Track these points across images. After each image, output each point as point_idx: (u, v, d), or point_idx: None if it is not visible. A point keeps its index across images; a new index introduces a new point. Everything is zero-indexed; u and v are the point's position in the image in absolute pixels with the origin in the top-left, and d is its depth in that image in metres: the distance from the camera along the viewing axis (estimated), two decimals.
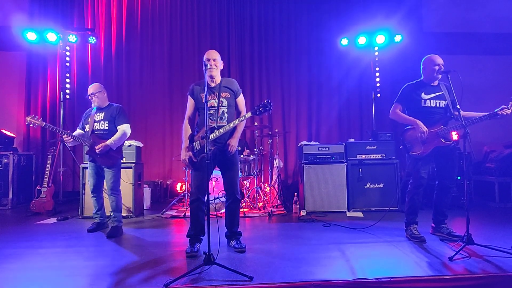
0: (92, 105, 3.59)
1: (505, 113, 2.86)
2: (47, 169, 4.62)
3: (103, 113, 3.55)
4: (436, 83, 3.15)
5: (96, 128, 3.50)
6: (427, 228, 3.31)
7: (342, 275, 2.21)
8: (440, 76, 3.08)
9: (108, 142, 3.38)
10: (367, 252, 2.76)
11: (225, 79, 2.93)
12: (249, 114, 2.73)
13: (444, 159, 3.11)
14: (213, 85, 2.84)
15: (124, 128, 3.51)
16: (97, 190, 3.58)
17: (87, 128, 3.54)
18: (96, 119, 3.53)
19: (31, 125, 3.32)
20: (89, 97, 3.55)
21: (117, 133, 3.47)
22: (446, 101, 3.09)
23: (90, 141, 3.44)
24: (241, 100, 2.94)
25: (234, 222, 2.92)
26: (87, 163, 4.22)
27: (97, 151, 3.36)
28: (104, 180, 3.55)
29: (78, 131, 3.63)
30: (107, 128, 3.50)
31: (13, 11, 5.94)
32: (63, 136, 3.41)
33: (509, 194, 4.86)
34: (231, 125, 2.75)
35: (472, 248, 2.67)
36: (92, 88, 3.55)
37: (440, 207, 3.19)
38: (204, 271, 2.27)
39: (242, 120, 2.78)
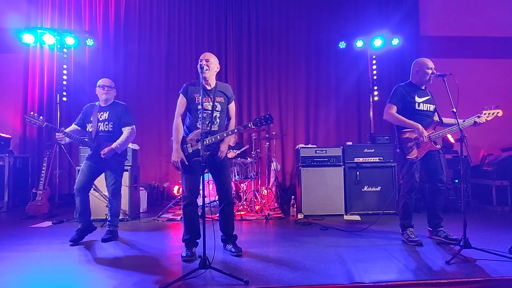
0: (99, 97, 3.34)
1: (481, 122, 3.00)
2: (42, 171, 4.58)
3: (107, 112, 3.30)
4: (423, 87, 3.17)
5: (100, 129, 3.27)
6: (424, 231, 3.30)
7: (338, 279, 2.20)
8: (431, 80, 3.11)
9: (113, 146, 3.19)
10: (364, 256, 2.74)
11: (220, 83, 2.91)
12: (251, 124, 2.73)
13: (433, 162, 3.12)
14: (208, 88, 2.82)
15: (130, 130, 3.31)
16: (83, 190, 3.20)
17: (89, 127, 3.28)
18: (100, 119, 3.29)
19: (31, 124, 3.11)
20: (99, 88, 3.30)
21: (122, 135, 3.27)
22: (434, 106, 3.13)
23: (95, 144, 3.22)
24: (232, 106, 2.95)
25: (229, 226, 2.89)
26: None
27: (102, 155, 3.16)
28: (105, 184, 3.35)
29: (73, 127, 3.34)
30: (111, 129, 3.28)
31: (10, 13, 5.93)
32: (56, 134, 3.11)
33: (506, 197, 4.87)
34: (230, 132, 2.75)
35: (469, 252, 2.65)
36: (106, 81, 3.34)
37: (434, 210, 3.18)
38: (200, 275, 2.25)
39: (242, 130, 2.77)
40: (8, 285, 2.19)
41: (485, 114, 3.01)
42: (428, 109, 3.12)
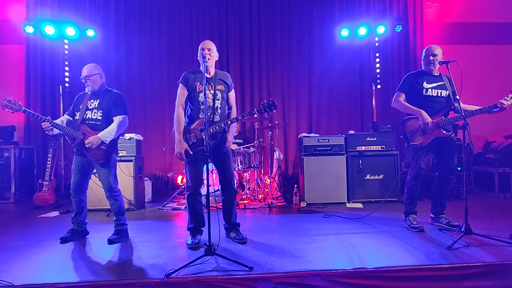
0: (86, 89, 3.06)
1: (505, 106, 2.90)
2: (48, 162, 4.63)
3: (98, 100, 3.01)
4: (437, 73, 3.15)
5: (87, 117, 2.97)
6: (426, 218, 3.33)
7: (341, 265, 2.24)
8: (436, 66, 3.09)
9: (100, 135, 2.88)
10: (366, 242, 2.78)
11: (219, 71, 2.90)
12: (254, 111, 2.75)
13: (444, 150, 3.12)
14: (208, 76, 2.80)
15: (121, 119, 2.98)
16: (78, 190, 3.01)
17: (78, 116, 3.00)
18: (89, 107, 2.99)
19: (9, 109, 2.84)
20: (83, 80, 3.02)
21: (112, 124, 2.96)
22: (448, 92, 3.09)
23: (79, 132, 2.93)
24: (232, 94, 2.95)
25: (232, 214, 2.94)
26: None
27: (86, 145, 2.86)
28: (99, 181, 3.04)
29: (65, 117, 3.09)
30: (100, 118, 2.97)
31: (11, 4, 5.90)
32: (42, 123, 2.87)
33: (509, 184, 4.87)
34: (234, 120, 2.76)
35: (471, 238, 2.69)
36: (86, 70, 3.00)
37: (439, 198, 3.21)
38: (205, 262, 2.31)
39: (245, 117, 2.78)
40: (19, 273, 2.25)
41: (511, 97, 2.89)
42: (439, 95, 3.09)
